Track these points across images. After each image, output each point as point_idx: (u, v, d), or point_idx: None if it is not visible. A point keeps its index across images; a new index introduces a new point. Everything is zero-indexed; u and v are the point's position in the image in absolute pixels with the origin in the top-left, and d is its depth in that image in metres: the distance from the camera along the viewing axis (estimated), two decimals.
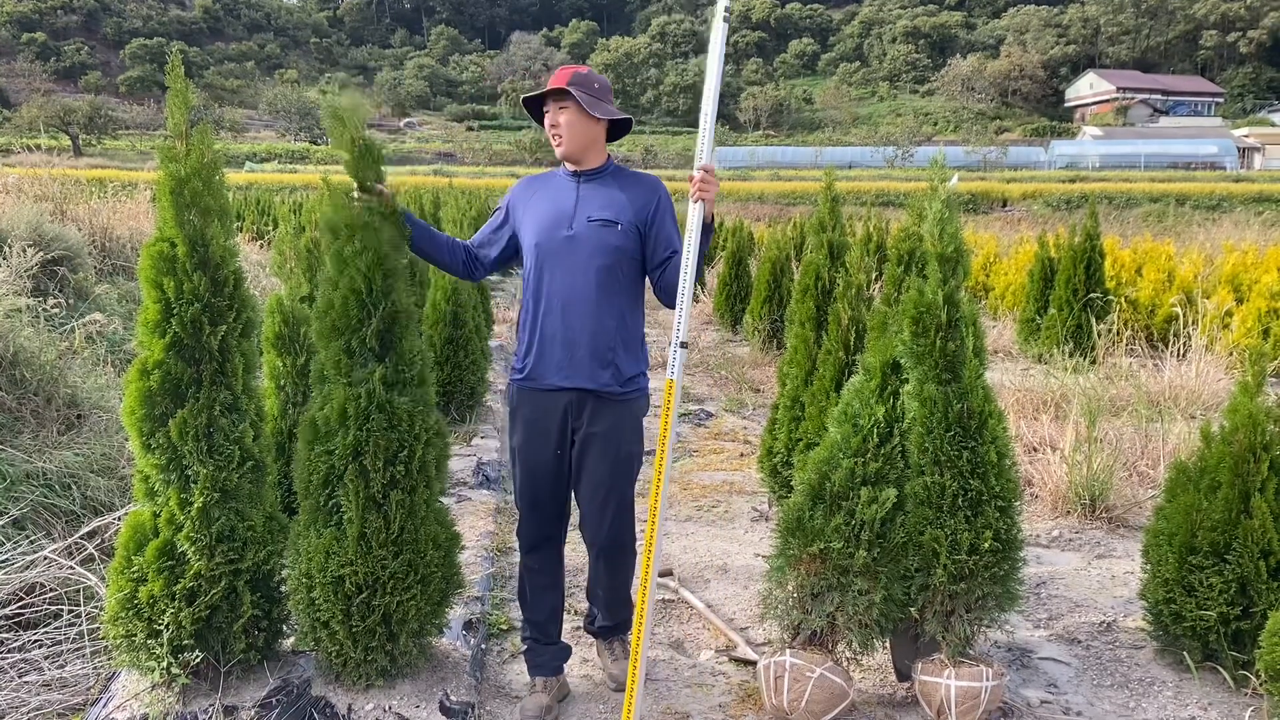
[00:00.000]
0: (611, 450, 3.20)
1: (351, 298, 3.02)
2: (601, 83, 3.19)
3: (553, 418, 3.20)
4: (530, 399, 3.24)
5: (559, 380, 3.17)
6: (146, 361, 2.97)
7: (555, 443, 3.22)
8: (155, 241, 2.99)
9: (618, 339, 3.17)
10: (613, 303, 3.16)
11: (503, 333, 11.75)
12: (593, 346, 3.13)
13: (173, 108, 2.99)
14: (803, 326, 4.64)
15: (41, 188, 11.00)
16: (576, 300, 3.13)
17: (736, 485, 5.81)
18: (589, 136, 3.17)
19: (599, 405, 3.17)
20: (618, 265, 3.15)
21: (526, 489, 3.29)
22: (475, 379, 6.83)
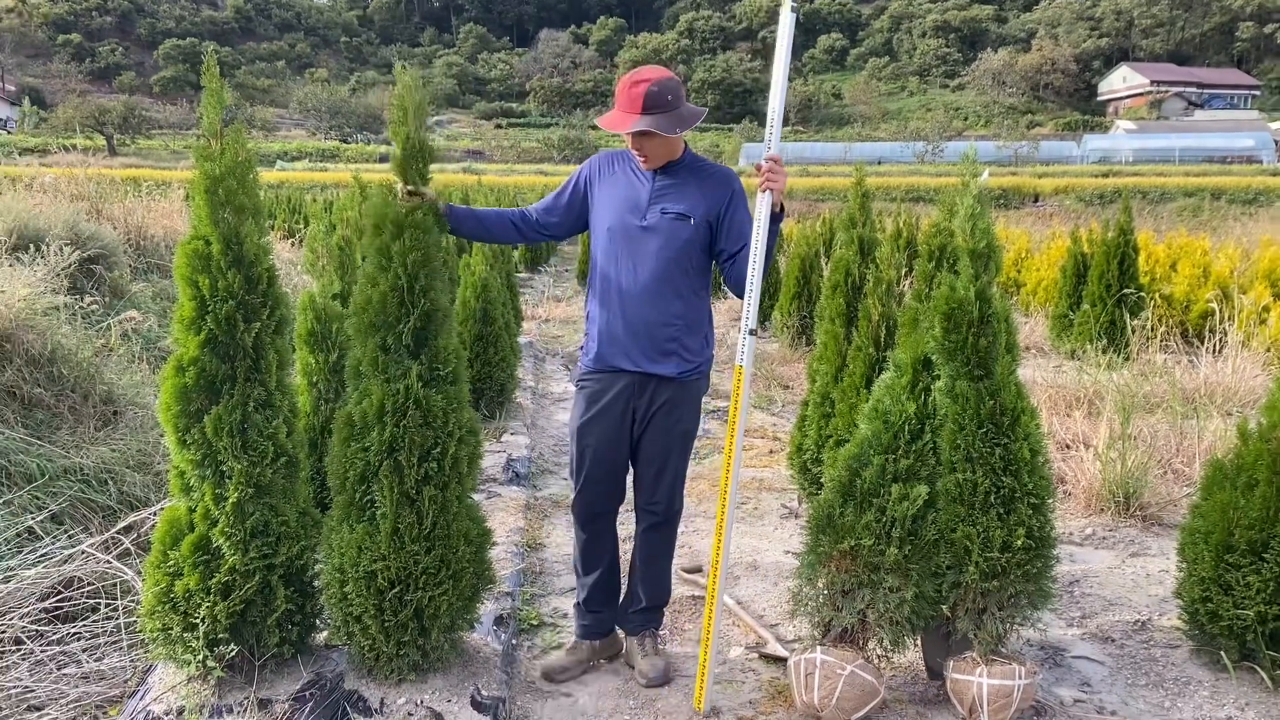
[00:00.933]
0: (670, 426, 3.34)
1: (391, 295, 3.04)
2: (674, 91, 3.18)
3: (615, 398, 3.34)
4: (594, 379, 3.39)
5: (623, 364, 3.31)
6: (182, 358, 3.00)
7: (616, 422, 3.36)
8: (190, 239, 3.02)
9: (682, 327, 3.30)
10: (679, 292, 3.27)
11: (531, 329, 11.79)
12: (656, 334, 3.27)
13: (207, 107, 3.02)
14: (833, 323, 4.63)
15: (77, 187, 11.16)
16: (643, 289, 3.25)
17: (766, 482, 5.80)
18: (671, 147, 3.27)
19: (661, 386, 3.30)
20: (686, 257, 3.26)
21: (584, 465, 3.43)
22: (505, 375, 6.85)
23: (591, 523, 3.50)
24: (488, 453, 5.99)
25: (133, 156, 61.12)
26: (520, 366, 7.91)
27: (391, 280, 3.03)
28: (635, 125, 3.13)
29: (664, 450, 3.37)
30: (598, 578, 3.53)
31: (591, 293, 3.42)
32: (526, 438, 6.51)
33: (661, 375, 3.28)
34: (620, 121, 3.16)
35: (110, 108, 70.49)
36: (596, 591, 3.54)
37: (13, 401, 5.58)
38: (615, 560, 3.60)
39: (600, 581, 3.54)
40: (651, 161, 3.25)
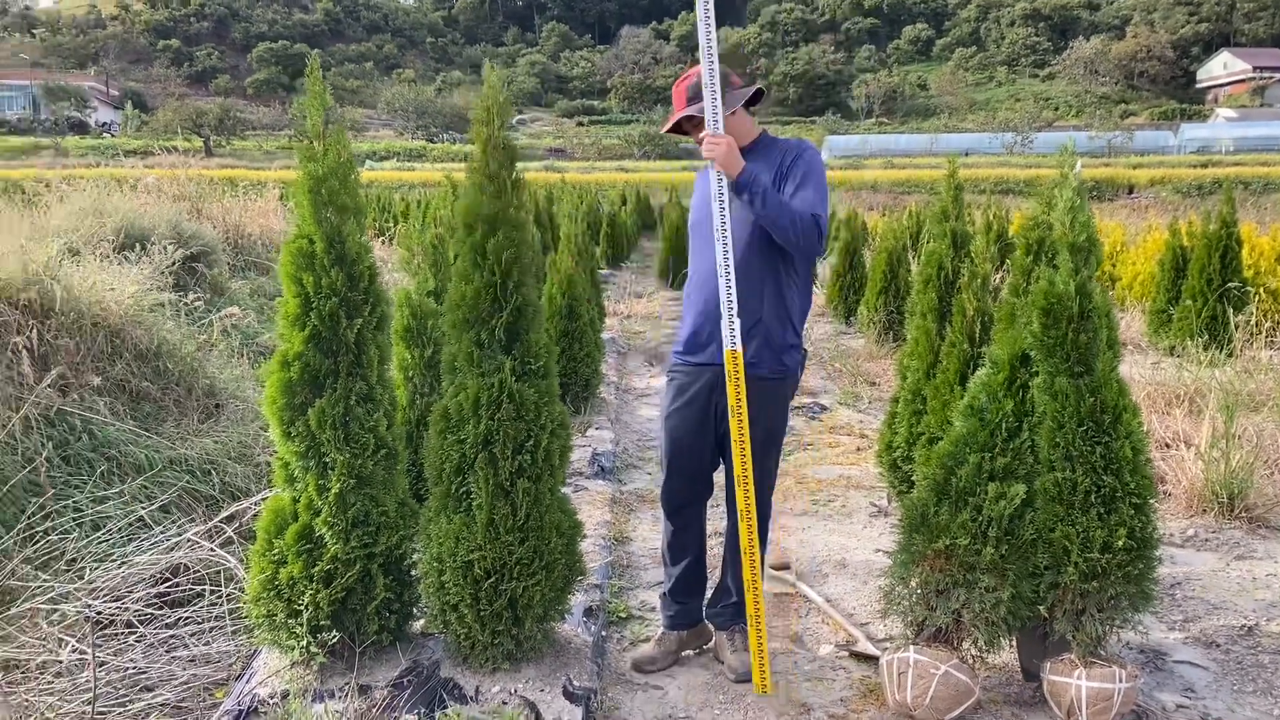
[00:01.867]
0: (757, 427, 3.31)
1: (484, 292, 3.10)
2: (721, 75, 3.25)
3: (700, 391, 3.38)
4: (682, 370, 3.44)
5: (707, 357, 3.34)
6: (287, 353, 3.10)
7: (700, 415, 3.39)
8: (295, 238, 3.12)
9: (767, 317, 3.28)
10: (763, 279, 3.26)
11: (613, 325, 11.86)
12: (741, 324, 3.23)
13: (310, 109, 3.11)
14: (924, 318, 4.56)
15: (179, 188, 11.56)
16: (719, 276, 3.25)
17: (853, 480, 5.75)
18: (737, 130, 3.29)
19: (747, 383, 3.25)
20: (767, 239, 3.23)
21: (672, 455, 3.48)
22: (590, 371, 6.92)
23: (677, 513, 3.53)
24: (574, 448, 6.06)
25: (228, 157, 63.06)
26: (604, 362, 7.98)
27: (485, 277, 3.09)
28: (679, 107, 3.32)
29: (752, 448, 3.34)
30: (684, 568, 3.55)
31: (686, 290, 3.48)
32: (611, 432, 6.57)
33: (748, 372, 3.26)
34: (671, 117, 3.36)
35: (207, 110, 72.81)
36: (682, 582, 3.56)
37: (122, 395, 5.82)
38: (702, 553, 3.61)
39: (686, 572, 3.56)
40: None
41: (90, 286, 6.05)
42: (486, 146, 3.12)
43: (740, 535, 3.28)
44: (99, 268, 6.62)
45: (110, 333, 5.95)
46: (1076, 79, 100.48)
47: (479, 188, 3.13)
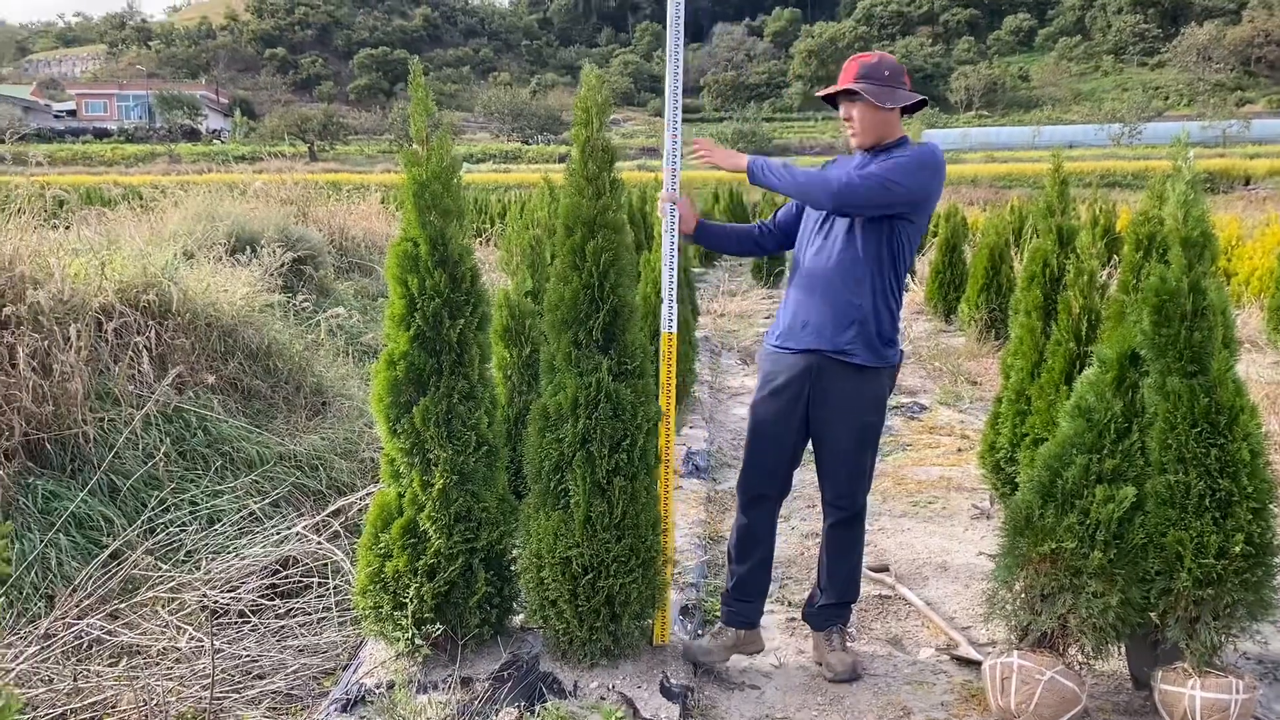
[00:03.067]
0: (851, 419, 3.32)
1: (583, 293, 3.14)
2: (893, 68, 3.29)
3: (791, 379, 3.36)
4: (774, 358, 3.43)
5: (803, 346, 3.32)
6: (393, 353, 3.19)
7: (790, 404, 3.37)
8: (400, 241, 3.21)
9: (867, 313, 3.26)
10: (864, 275, 3.26)
11: (706, 324, 11.85)
12: (837, 316, 3.26)
13: (415, 115, 3.20)
14: (1029, 316, 4.46)
15: (285, 193, 11.97)
16: (828, 272, 3.29)
17: (954, 481, 5.64)
18: (881, 125, 3.30)
19: (839, 372, 3.28)
20: (874, 241, 3.24)
21: (755, 444, 3.47)
22: (683, 370, 6.92)
23: (753, 506, 3.49)
24: None
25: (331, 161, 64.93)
26: (697, 361, 7.98)
27: (584, 279, 3.13)
28: (845, 81, 3.27)
29: (845, 442, 3.34)
30: (750, 568, 3.49)
31: (789, 279, 3.49)
32: (705, 431, 6.57)
33: (841, 361, 3.26)
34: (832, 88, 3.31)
35: (311, 116, 75.03)
36: (746, 582, 3.50)
37: (235, 392, 6.05)
38: (769, 554, 3.55)
39: (751, 573, 3.50)
40: (860, 135, 3.28)
41: (204, 289, 6.30)
42: (585, 149, 3.17)
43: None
44: (212, 270, 6.90)
45: (223, 332, 6.19)
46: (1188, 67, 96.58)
47: (579, 190, 3.17)
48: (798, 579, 4.31)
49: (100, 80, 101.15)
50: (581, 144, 3.16)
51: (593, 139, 3.15)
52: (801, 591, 4.09)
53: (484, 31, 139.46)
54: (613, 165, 3.18)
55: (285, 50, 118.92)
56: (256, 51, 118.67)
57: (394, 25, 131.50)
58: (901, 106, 3.28)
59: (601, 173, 3.16)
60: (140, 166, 58.51)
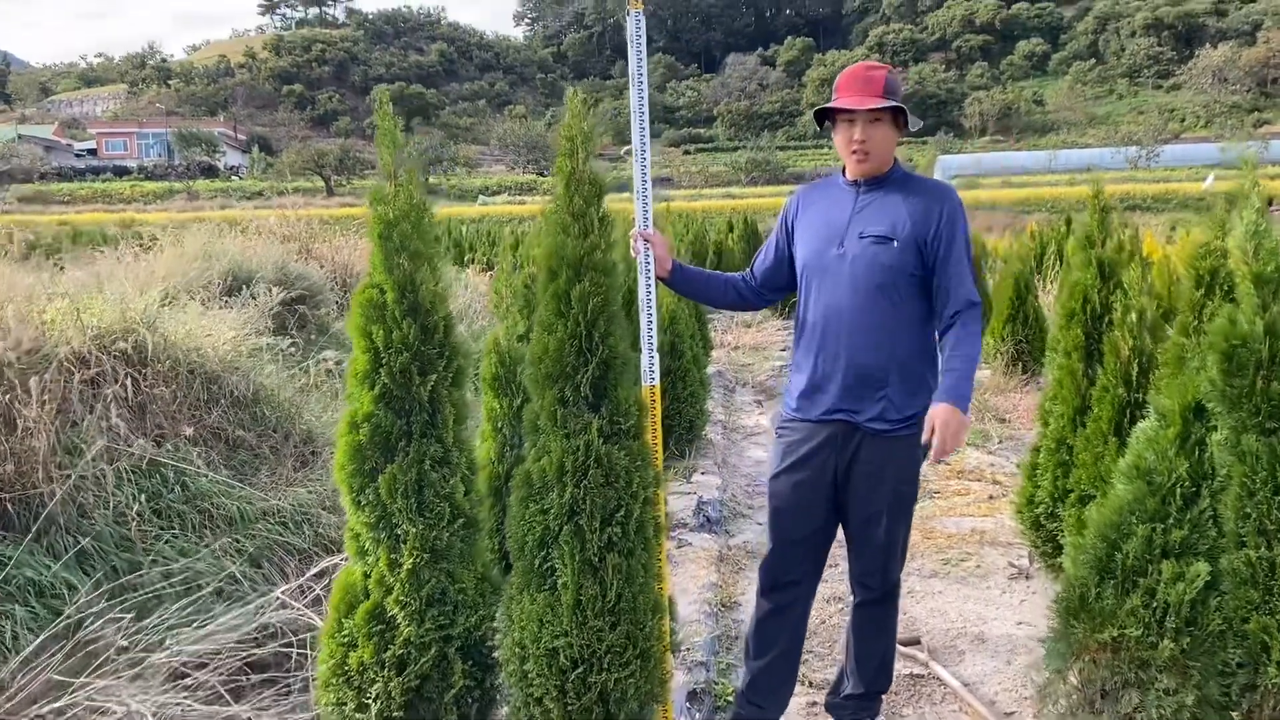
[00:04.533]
0: (882, 490, 2.90)
1: (569, 343, 2.78)
2: (900, 83, 2.90)
3: (815, 451, 2.94)
4: (795, 428, 3.00)
5: (825, 411, 2.91)
6: (355, 414, 2.83)
7: (815, 478, 2.95)
8: (364, 288, 2.85)
9: (893, 371, 2.85)
10: (887, 328, 2.84)
11: (720, 357, 11.46)
12: (862, 377, 2.85)
13: (381, 147, 2.86)
14: (1068, 357, 4.05)
15: (289, 229, 11.70)
16: (844, 325, 2.86)
17: (988, 535, 5.20)
18: (892, 149, 2.91)
19: (868, 440, 2.87)
20: (893, 285, 2.82)
21: (778, 523, 3.04)
22: (694, 411, 6.55)
23: (777, 591, 3.06)
24: (676, 494, 5.70)
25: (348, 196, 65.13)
26: (709, 399, 7.60)
27: (570, 328, 2.77)
28: (870, 93, 2.81)
29: (875, 515, 2.93)
30: (768, 663, 3.06)
31: (796, 337, 3.05)
32: (718, 477, 6.17)
33: (869, 428, 2.86)
34: (860, 100, 2.81)
35: (327, 151, 75.39)
36: (763, 681, 3.07)
37: (218, 443, 5.71)
38: (794, 646, 3.11)
39: (770, 669, 3.07)
40: (873, 160, 2.87)
41: (188, 333, 5.99)
42: (570, 181, 2.81)
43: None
44: (200, 313, 6.59)
45: (207, 380, 5.86)
46: (1204, 89, 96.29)
47: (563, 228, 2.81)
48: (819, 653, 3.89)
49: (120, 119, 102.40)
50: (566, 176, 2.81)
51: (578, 170, 2.79)
52: (824, 668, 3.68)
53: (499, 65, 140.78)
54: (601, 199, 2.82)
55: (303, 87, 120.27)
56: (274, 88, 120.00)
57: (410, 60, 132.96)
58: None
59: (589, 208, 2.80)
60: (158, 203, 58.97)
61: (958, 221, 2.82)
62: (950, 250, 2.80)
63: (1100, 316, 3.97)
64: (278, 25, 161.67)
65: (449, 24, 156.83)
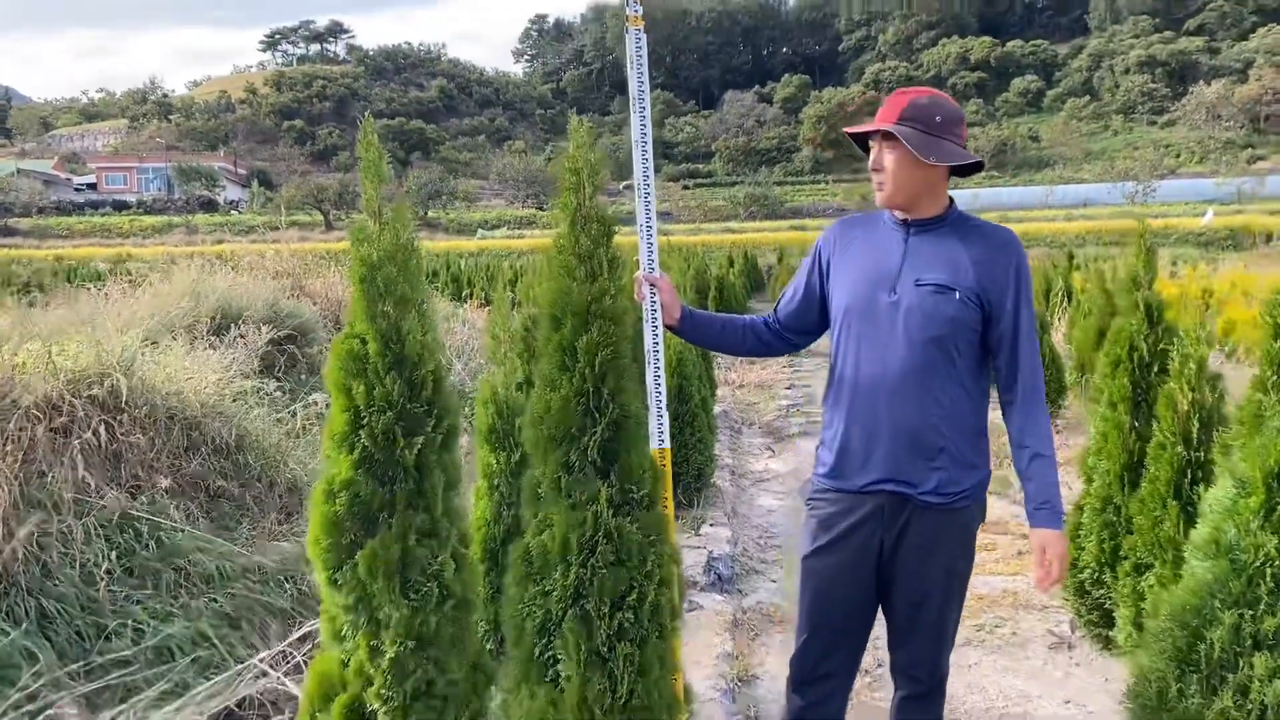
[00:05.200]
0: (933, 570, 2.56)
1: (575, 401, 2.46)
2: (948, 113, 2.51)
3: (856, 527, 2.58)
4: (830, 499, 2.64)
5: (868, 481, 2.55)
6: (332, 481, 2.50)
7: (855, 558, 2.60)
8: (344, 338, 2.53)
9: (947, 435, 2.50)
10: (943, 387, 2.49)
11: (725, 396, 11.12)
12: (914, 442, 2.50)
13: (364, 180, 2.55)
14: (1114, 409, 3.73)
15: (281, 264, 11.40)
16: (894, 383, 2.50)
17: (1020, 597, 4.83)
18: (920, 183, 2.51)
19: (918, 513, 2.52)
20: (951, 339, 2.48)
21: (810, 608, 2.68)
22: (703, 458, 6.22)
23: (810, 686, 2.70)
24: (685, 548, 5.36)
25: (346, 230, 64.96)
26: (716, 442, 7.28)
27: (575, 384, 2.45)
28: (883, 118, 2.48)
29: (925, 597, 2.59)
30: None
31: (828, 392, 2.69)
32: (728, 529, 5.83)
33: (919, 500, 2.51)
34: (866, 124, 2.53)
35: (327, 186, 75.39)
36: None
37: (198, 493, 5.38)
38: None
39: None
40: (890, 190, 2.52)
41: (168, 377, 5.68)
42: (575, 219, 2.50)
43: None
44: (183, 354, 6.28)
45: (187, 426, 5.55)
46: (1198, 125, 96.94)
47: (567, 271, 2.50)
48: None
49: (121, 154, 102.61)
50: (571, 213, 2.50)
51: (584, 207, 2.49)
52: None
53: (499, 101, 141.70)
54: (610, 239, 2.51)
55: (303, 122, 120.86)
56: (275, 123, 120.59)
57: (411, 96, 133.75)
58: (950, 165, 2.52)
59: (597, 249, 2.49)
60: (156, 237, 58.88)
61: (1025, 280, 2.50)
62: (1018, 315, 2.48)
63: (1148, 364, 3.66)
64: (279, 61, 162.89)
65: (449, 60, 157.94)
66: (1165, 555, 3.07)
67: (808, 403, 10.77)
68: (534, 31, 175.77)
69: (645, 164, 2.69)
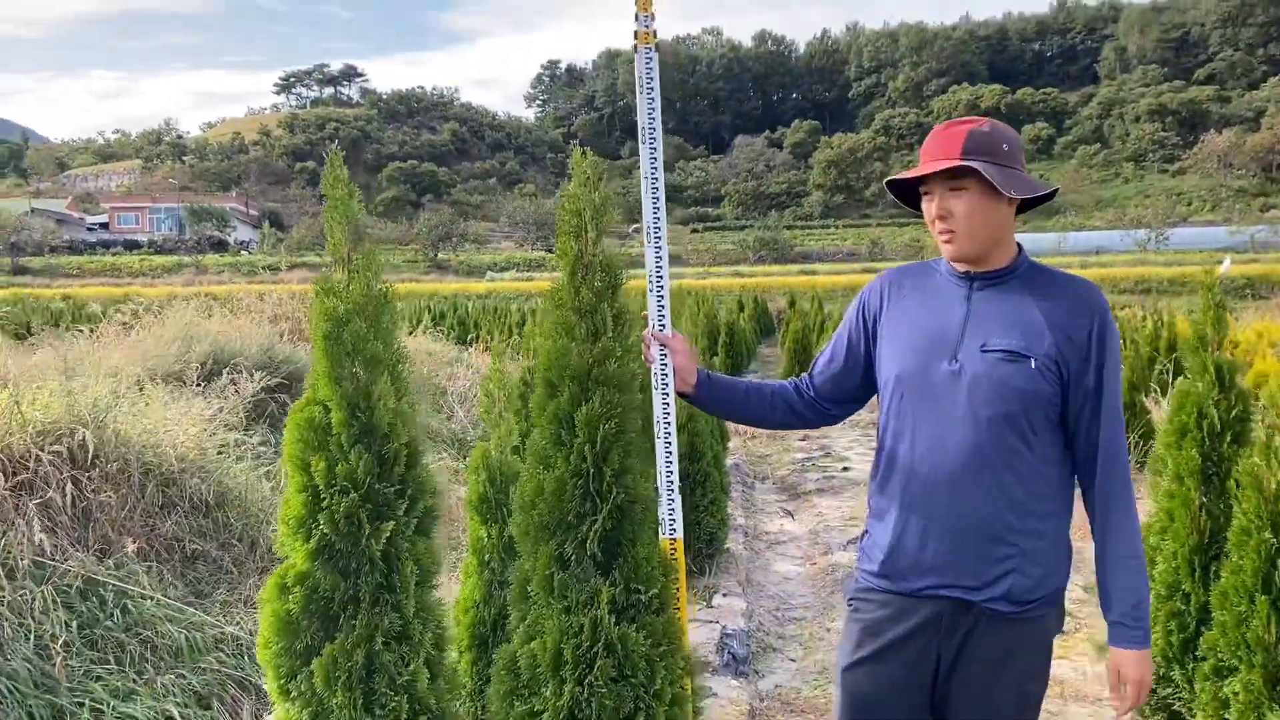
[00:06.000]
0: (1002, 690, 2.13)
1: (572, 483, 2.09)
2: (1011, 139, 2.12)
3: (908, 637, 2.17)
4: (878, 601, 2.22)
5: (924, 582, 2.14)
6: (286, 574, 2.12)
7: (908, 672, 2.18)
8: (303, 405, 2.17)
9: (1020, 528, 2.08)
10: (1014, 472, 2.07)
11: (735, 448, 10.68)
12: (980, 539, 2.08)
13: (330, 222, 2.21)
14: (1180, 483, 3.32)
15: (280, 307, 11.10)
16: (956, 468, 2.08)
17: (1068, 684, 4.36)
18: (996, 227, 2.12)
19: (984, 623, 2.11)
20: (1024, 416, 2.06)
21: None
22: (715, 521, 5.80)
23: None
24: (696, 623, 4.94)
25: None
26: (729, 501, 6.86)
27: (572, 462, 2.08)
28: (947, 153, 2.06)
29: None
30: None
31: (875, 473, 2.27)
32: (742, 600, 5.40)
33: (985, 607, 2.09)
34: (925, 166, 2.10)
35: None
36: None
37: (171, 555, 5.00)
38: None
39: None
40: (964, 240, 2.10)
41: (145, 429, 5.32)
42: (576, 268, 2.15)
43: None
44: (165, 403, 5.93)
45: (163, 482, 5.18)
46: (1210, 173, 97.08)
47: (565, 329, 2.14)
48: None
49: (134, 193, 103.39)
50: (571, 261, 2.14)
51: (587, 254, 2.13)
52: None
53: (510, 145, 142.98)
54: (616, 292, 2.15)
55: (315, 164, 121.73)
56: (287, 165, 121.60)
57: (423, 139, 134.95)
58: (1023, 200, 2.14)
59: (600, 303, 2.13)
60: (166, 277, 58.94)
61: (1111, 343, 2.08)
62: (1103, 383, 2.07)
63: (1219, 434, 3.26)
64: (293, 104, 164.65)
65: (461, 104, 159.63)
66: (1253, 659, 2.66)
67: (824, 456, 10.35)
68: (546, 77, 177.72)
69: (656, 203, 2.32)
